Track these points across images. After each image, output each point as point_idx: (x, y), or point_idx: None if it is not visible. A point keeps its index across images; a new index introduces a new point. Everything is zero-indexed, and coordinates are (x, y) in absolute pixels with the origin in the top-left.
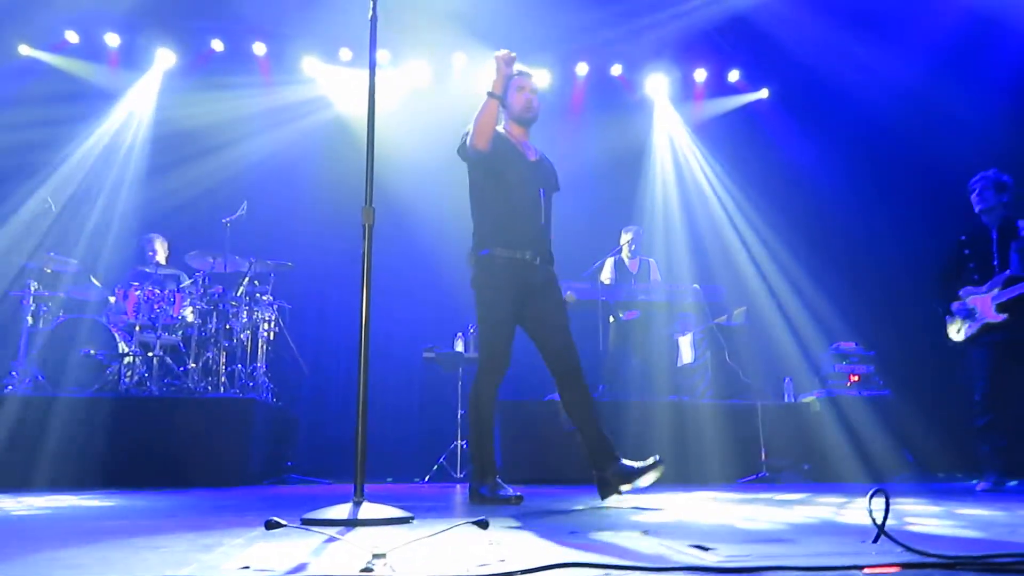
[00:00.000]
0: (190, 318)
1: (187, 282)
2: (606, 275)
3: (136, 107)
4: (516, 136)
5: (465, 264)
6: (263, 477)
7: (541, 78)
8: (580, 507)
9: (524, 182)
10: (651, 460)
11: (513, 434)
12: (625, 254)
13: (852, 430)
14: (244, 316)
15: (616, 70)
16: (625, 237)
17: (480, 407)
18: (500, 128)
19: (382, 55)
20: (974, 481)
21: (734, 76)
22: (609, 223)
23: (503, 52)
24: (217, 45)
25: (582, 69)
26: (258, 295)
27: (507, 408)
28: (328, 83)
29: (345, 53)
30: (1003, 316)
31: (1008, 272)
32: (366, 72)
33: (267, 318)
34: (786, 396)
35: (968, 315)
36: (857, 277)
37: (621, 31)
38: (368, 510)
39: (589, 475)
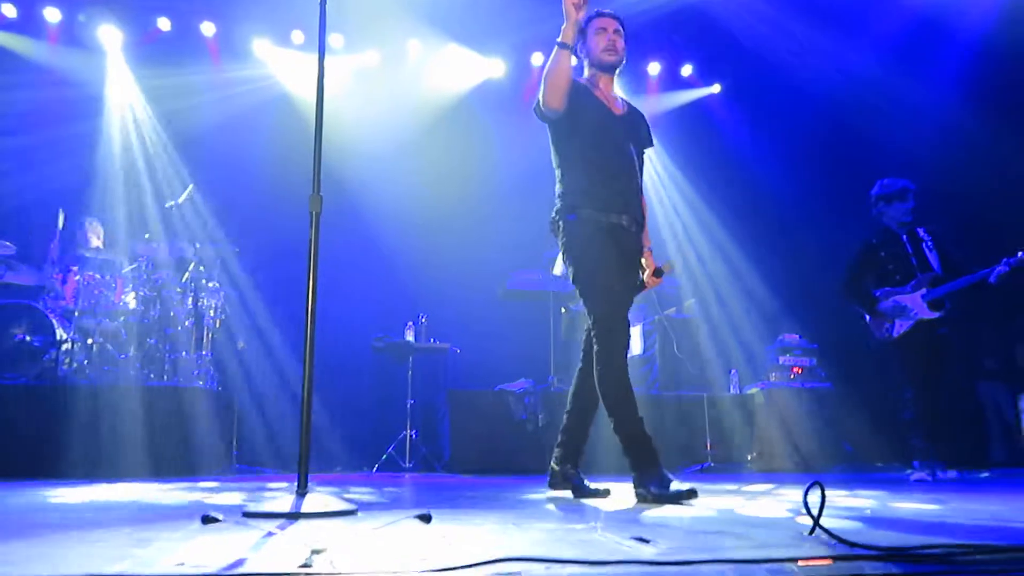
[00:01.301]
0: (132, 304)
1: (129, 268)
2: (559, 267)
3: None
4: (601, 86)
5: (547, 231)
6: (207, 467)
7: (495, 67)
8: (527, 496)
9: (613, 138)
10: (604, 489)
11: (462, 424)
12: None
13: (795, 421)
14: (189, 303)
15: (571, 61)
16: None
17: (612, 389)
18: (584, 79)
19: (336, 39)
20: (908, 471)
21: (687, 71)
22: None
23: None
24: (164, 24)
25: (537, 60)
26: (204, 281)
27: (457, 398)
28: (279, 66)
29: (297, 36)
30: (938, 313)
31: (932, 273)
32: (317, 56)
33: (213, 305)
34: (732, 388)
35: (900, 313)
36: (802, 271)
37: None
38: (311, 502)
39: (537, 465)
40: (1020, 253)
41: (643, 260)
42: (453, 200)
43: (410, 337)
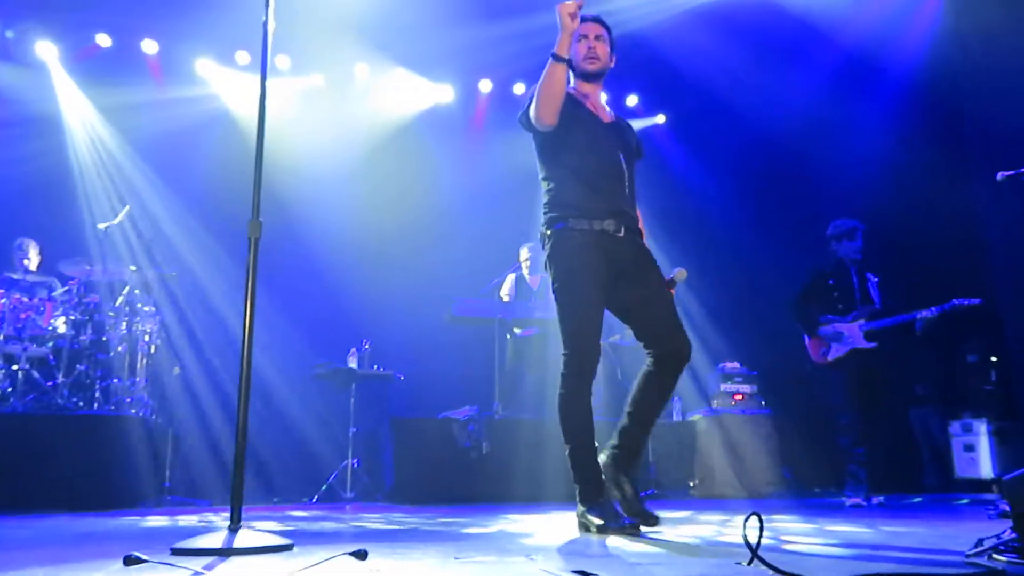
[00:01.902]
0: (62, 329)
1: (60, 291)
2: (506, 291)
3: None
4: (587, 94)
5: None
6: (137, 500)
7: (444, 93)
8: (469, 528)
9: (602, 147)
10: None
11: (405, 452)
12: (525, 270)
13: (735, 448)
14: (123, 327)
15: (519, 89)
16: (524, 253)
17: (572, 414)
18: (569, 87)
19: (282, 61)
20: (844, 497)
21: (632, 100)
22: (510, 239)
23: (569, 3)
24: (103, 40)
25: (485, 86)
26: (139, 305)
27: (400, 425)
28: (223, 86)
29: (243, 56)
30: (873, 344)
31: (873, 307)
32: (261, 76)
33: (148, 329)
34: (674, 415)
35: (837, 339)
36: (744, 299)
37: (524, 49)
38: (244, 538)
39: (481, 493)
40: (955, 301)
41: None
42: (399, 225)
43: (353, 364)
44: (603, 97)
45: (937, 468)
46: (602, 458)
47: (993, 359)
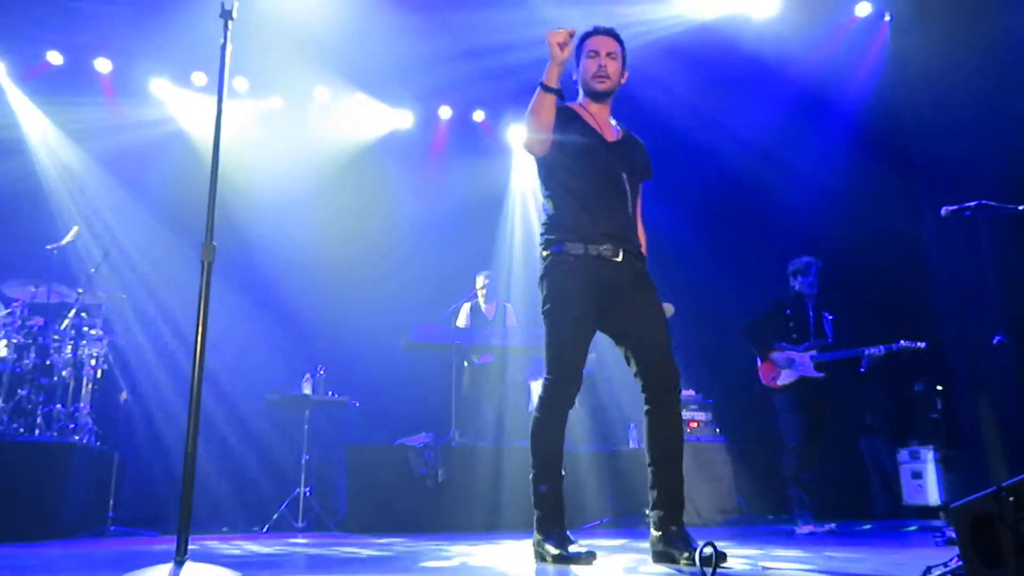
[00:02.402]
0: (3, 352)
1: (2, 313)
2: (462, 319)
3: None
4: (593, 111)
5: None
6: (79, 529)
7: (403, 118)
8: (422, 561)
9: (602, 166)
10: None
11: (359, 480)
12: (481, 298)
13: (691, 475)
14: (68, 351)
15: (479, 116)
16: (480, 281)
17: (543, 439)
18: (577, 102)
19: (240, 83)
20: (795, 524)
21: None
22: (467, 267)
23: (560, 32)
24: (55, 58)
25: (445, 112)
26: (86, 328)
27: (354, 453)
28: (178, 107)
29: (199, 77)
30: (821, 375)
31: (825, 340)
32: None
33: (94, 354)
34: (631, 442)
35: (788, 365)
36: (698, 328)
37: (484, 77)
38: (190, 571)
39: (435, 522)
40: (902, 342)
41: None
42: (356, 250)
43: (307, 390)
44: (609, 114)
45: (886, 495)
46: (652, 532)
47: (939, 388)
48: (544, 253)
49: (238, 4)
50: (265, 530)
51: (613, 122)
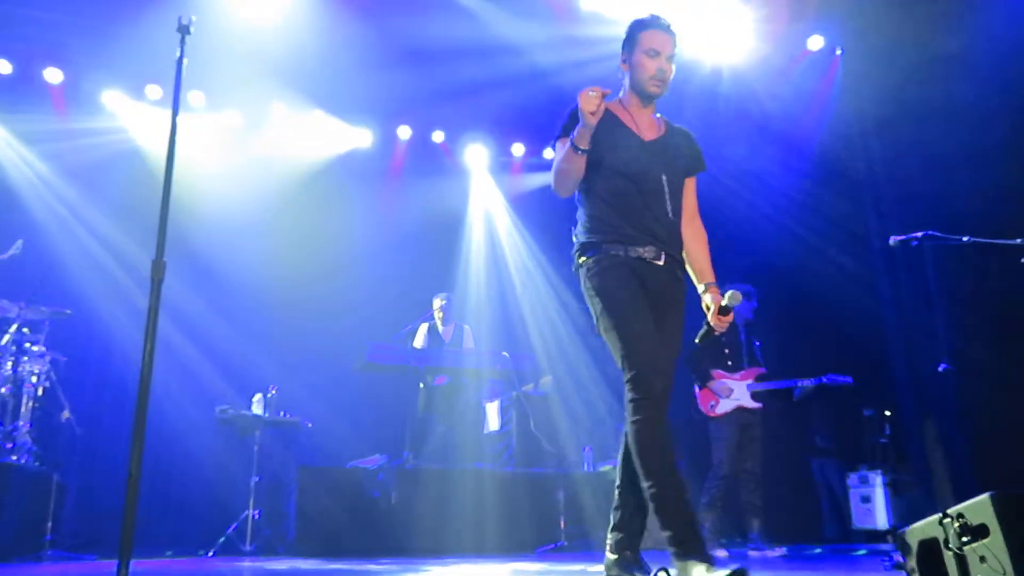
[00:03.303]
0: None
1: None
2: (419, 340)
3: None
4: (632, 110)
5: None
6: (14, 554)
7: (362, 137)
8: None
9: (638, 166)
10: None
11: (311, 503)
12: (438, 320)
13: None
14: (8, 368)
15: (438, 137)
16: (437, 303)
17: (651, 446)
18: (618, 98)
19: (196, 97)
20: (745, 548)
21: (549, 154)
22: (425, 288)
23: (592, 99)
24: (3, 67)
25: (404, 132)
26: (27, 344)
27: (306, 475)
28: (132, 120)
29: (154, 91)
30: (758, 404)
31: (760, 369)
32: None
33: (36, 371)
34: (586, 465)
35: (725, 393)
36: None
37: (444, 98)
38: None
39: (388, 546)
40: (830, 376)
41: (707, 299)
42: (312, 269)
43: (258, 409)
44: (652, 110)
45: (836, 519)
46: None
47: (887, 413)
48: (581, 260)
49: (196, 18)
50: (211, 554)
51: (657, 115)
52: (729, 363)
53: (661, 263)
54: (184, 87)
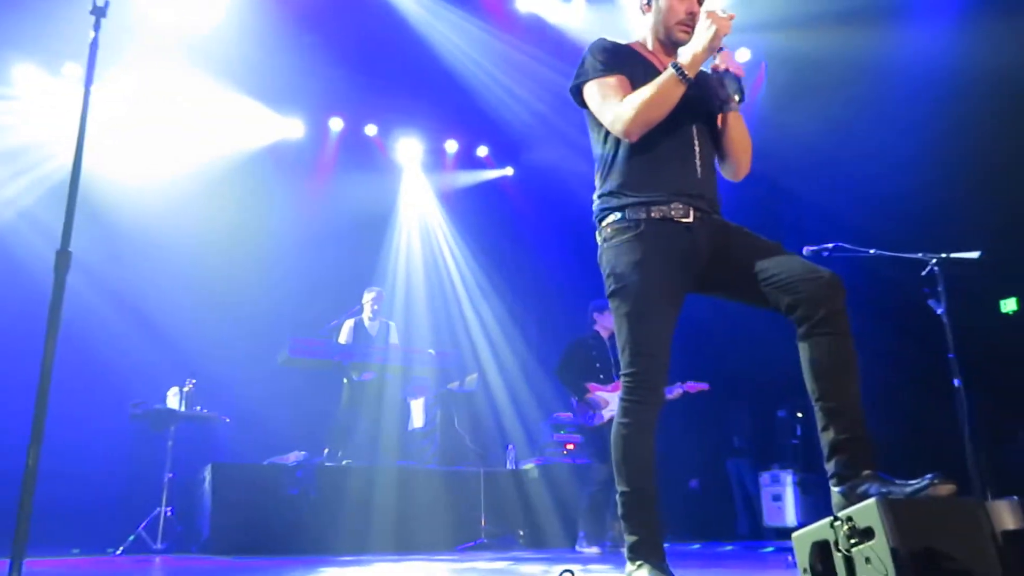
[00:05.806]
0: None
1: None
2: (344, 336)
3: None
4: (658, 54)
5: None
6: None
7: (293, 128)
8: None
9: (668, 118)
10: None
11: (226, 500)
12: (367, 315)
13: (565, 497)
14: None
15: (371, 130)
16: (368, 297)
17: (631, 451)
18: (638, 41)
19: (113, 77)
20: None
21: (483, 152)
22: (352, 282)
23: (728, 21)
24: None
25: (336, 124)
26: None
27: (221, 471)
28: (44, 98)
29: (70, 68)
30: None
31: None
32: (92, 91)
33: None
34: (508, 463)
35: (602, 406)
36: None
37: (377, 91)
38: None
39: (306, 544)
40: (688, 383)
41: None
42: (237, 260)
43: (173, 404)
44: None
45: (749, 516)
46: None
47: (799, 415)
48: (602, 224)
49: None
50: (119, 552)
51: None
52: (601, 376)
53: (690, 219)
54: (97, 69)
